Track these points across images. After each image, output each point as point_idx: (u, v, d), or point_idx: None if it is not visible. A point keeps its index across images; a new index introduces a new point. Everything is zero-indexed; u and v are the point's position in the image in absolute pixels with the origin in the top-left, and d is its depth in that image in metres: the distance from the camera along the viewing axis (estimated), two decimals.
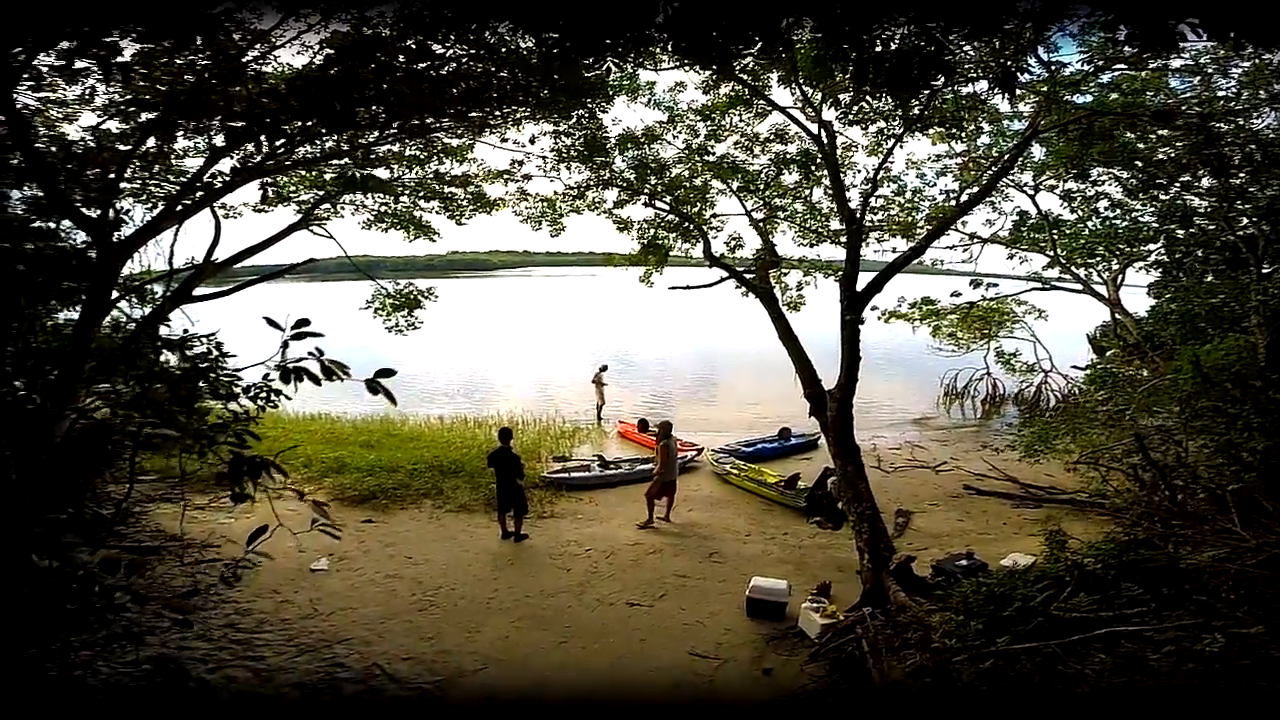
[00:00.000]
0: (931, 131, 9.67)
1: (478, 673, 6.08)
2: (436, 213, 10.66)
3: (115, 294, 5.78)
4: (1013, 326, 16.36)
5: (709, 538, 9.81)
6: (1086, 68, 8.24)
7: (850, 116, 9.14)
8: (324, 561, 8.29)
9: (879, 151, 10.05)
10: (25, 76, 4.86)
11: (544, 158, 9.90)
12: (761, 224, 10.90)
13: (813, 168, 10.44)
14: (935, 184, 11.89)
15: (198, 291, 7.02)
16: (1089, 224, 13.21)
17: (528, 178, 10.29)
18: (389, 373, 2.79)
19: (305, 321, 2.74)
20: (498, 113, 7.57)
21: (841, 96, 8.49)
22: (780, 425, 15.45)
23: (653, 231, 11.24)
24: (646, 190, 10.39)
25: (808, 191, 11.12)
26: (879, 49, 3.21)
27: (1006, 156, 9.54)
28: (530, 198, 10.95)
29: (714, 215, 11.20)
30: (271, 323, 2.68)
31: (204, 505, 9.58)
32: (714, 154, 10.47)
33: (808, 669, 6.18)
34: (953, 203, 10.71)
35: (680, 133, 10.22)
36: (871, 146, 10.17)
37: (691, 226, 10.82)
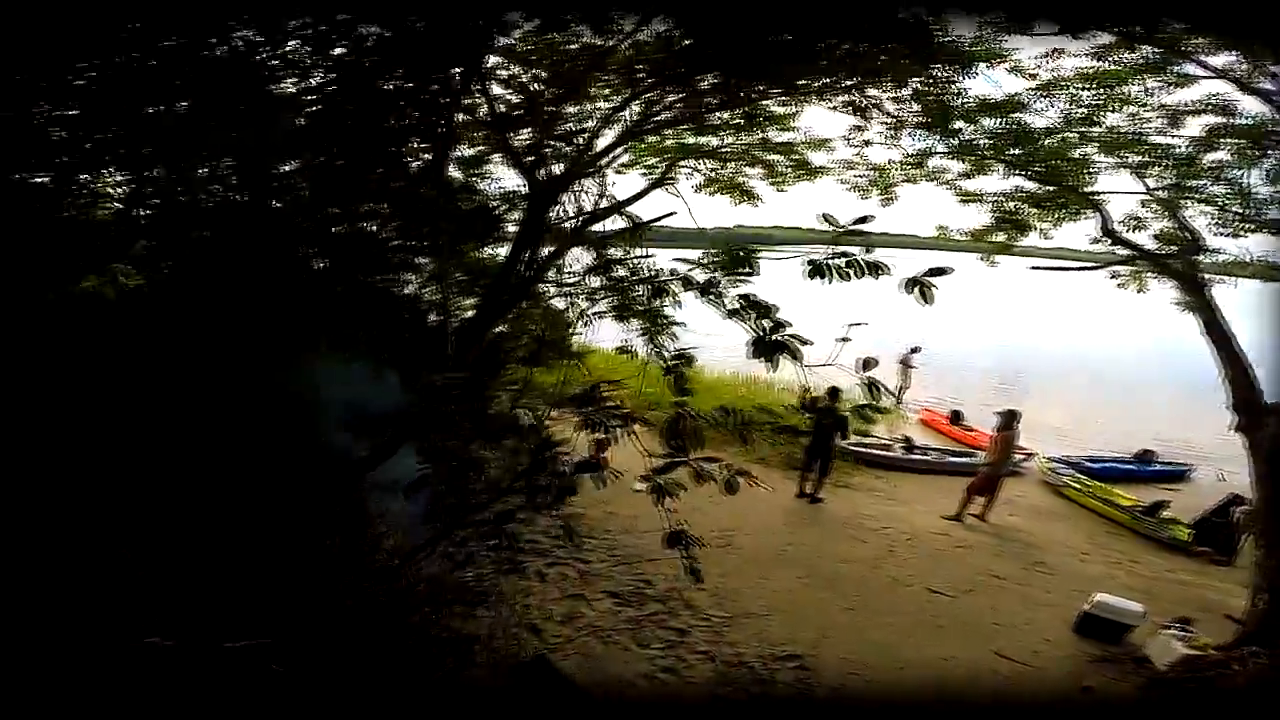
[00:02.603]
0: None
1: (762, 618, 6.33)
2: (760, 180, 10.97)
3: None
4: None
5: (1034, 546, 8.79)
6: None
7: None
8: (641, 484, 9.43)
9: None
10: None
11: (884, 124, 9.46)
12: (1171, 204, 8.98)
13: (1248, 144, 8.20)
14: None
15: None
16: None
17: (867, 144, 9.97)
18: (941, 271, 2.72)
19: (864, 219, 2.89)
20: (827, 79, 7.44)
21: None
22: (1140, 446, 13.15)
23: (1010, 205, 10.04)
24: (1007, 159, 9.28)
25: (1238, 171, 8.77)
26: None
27: None
28: (858, 165, 10.58)
29: (1093, 192, 9.54)
30: (828, 219, 2.90)
31: (553, 418, 11.58)
32: (1103, 125, 8.87)
33: (1141, 695, 5.32)
34: None
35: (1059, 100, 8.85)
36: None
37: (1067, 202, 9.39)
